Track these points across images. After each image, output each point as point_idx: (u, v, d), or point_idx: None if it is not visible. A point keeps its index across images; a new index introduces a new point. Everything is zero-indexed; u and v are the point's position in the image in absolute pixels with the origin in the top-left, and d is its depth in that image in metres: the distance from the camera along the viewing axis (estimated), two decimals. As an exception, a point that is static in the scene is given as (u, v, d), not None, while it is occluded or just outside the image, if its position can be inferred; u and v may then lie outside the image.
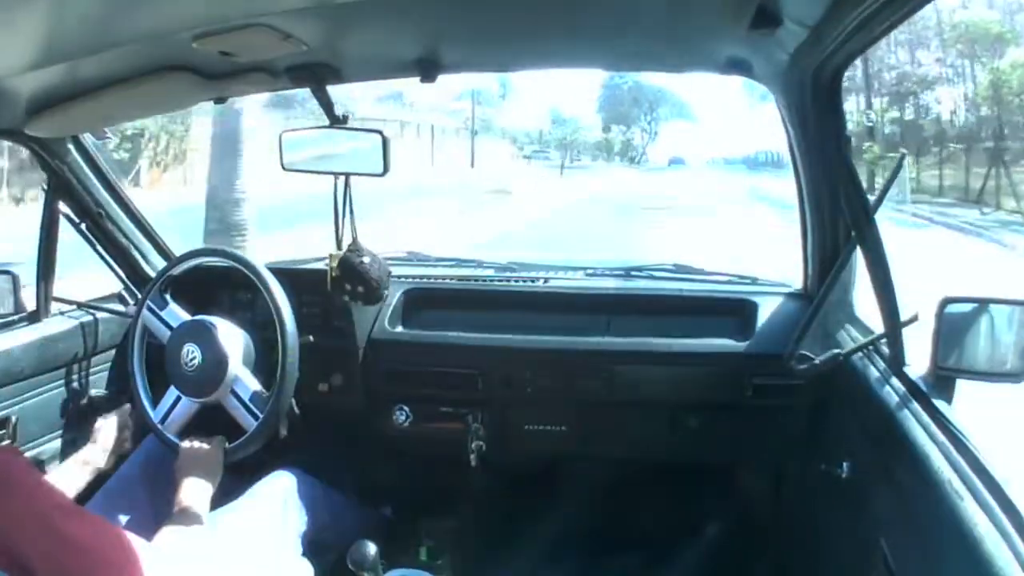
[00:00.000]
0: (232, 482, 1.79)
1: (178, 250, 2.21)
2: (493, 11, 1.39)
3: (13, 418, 1.86)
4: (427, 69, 1.66)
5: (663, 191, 22.70)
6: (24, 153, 1.95)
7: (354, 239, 1.86)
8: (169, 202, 9.65)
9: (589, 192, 22.96)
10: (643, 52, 1.79)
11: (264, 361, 1.92)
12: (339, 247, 1.90)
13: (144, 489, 1.79)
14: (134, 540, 1.21)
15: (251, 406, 1.84)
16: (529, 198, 19.34)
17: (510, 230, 13.02)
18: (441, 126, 35.22)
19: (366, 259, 1.88)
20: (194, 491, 1.61)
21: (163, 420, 1.89)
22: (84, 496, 1.67)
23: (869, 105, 23.07)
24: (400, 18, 1.39)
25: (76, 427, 2.04)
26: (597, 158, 47.15)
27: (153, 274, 2.12)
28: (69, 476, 1.66)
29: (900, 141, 22.27)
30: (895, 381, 1.44)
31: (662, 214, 15.88)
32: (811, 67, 1.41)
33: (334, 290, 1.91)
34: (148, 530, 1.39)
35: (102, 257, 2.17)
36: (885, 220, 1.44)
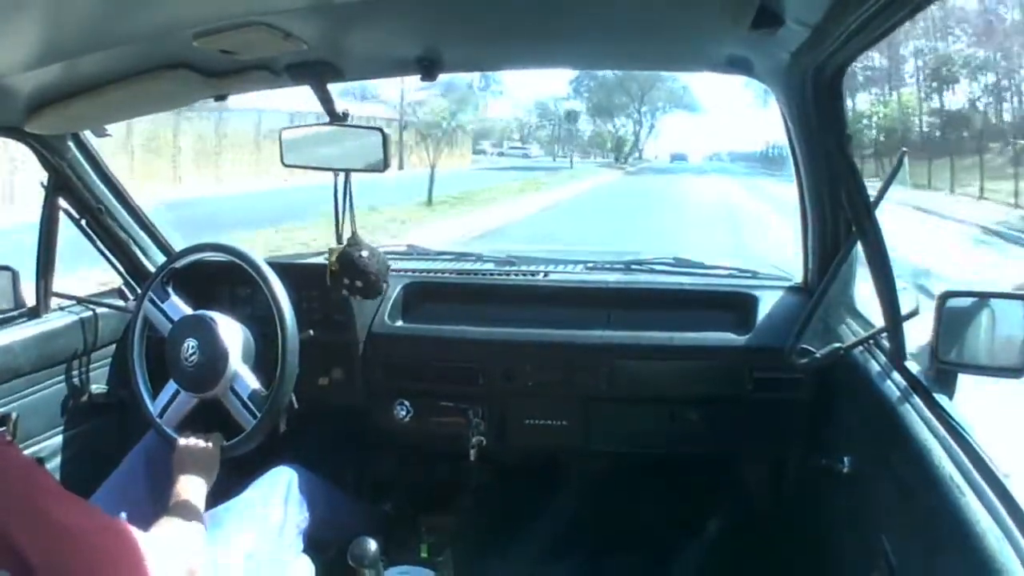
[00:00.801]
0: (232, 477, 1.79)
1: (178, 246, 2.21)
2: (493, 10, 1.39)
3: (13, 414, 1.86)
4: (427, 67, 1.66)
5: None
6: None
7: (353, 233, 1.86)
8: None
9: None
10: (644, 51, 1.79)
11: (264, 357, 1.91)
12: (339, 241, 1.89)
13: (145, 484, 1.79)
14: (130, 529, 1.21)
15: (249, 403, 1.84)
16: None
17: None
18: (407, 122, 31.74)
19: (365, 253, 1.87)
20: (190, 486, 1.61)
21: (161, 413, 1.89)
22: (84, 491, 1.67)
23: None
24: (400, 17, 1.39)
25: (76, 423, 2.05)
26: (589, 154, 42.20)
27: (153, 270, 2.12)
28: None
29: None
30: (896, 375, 1.45)
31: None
32: (812, 66, 1.41)
33: (333, 285, 1.91)
34: (148, 525, 1.39)
35: (102, 253, 2.17)
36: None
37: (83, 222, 2.08)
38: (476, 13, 1.41)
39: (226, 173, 20.75)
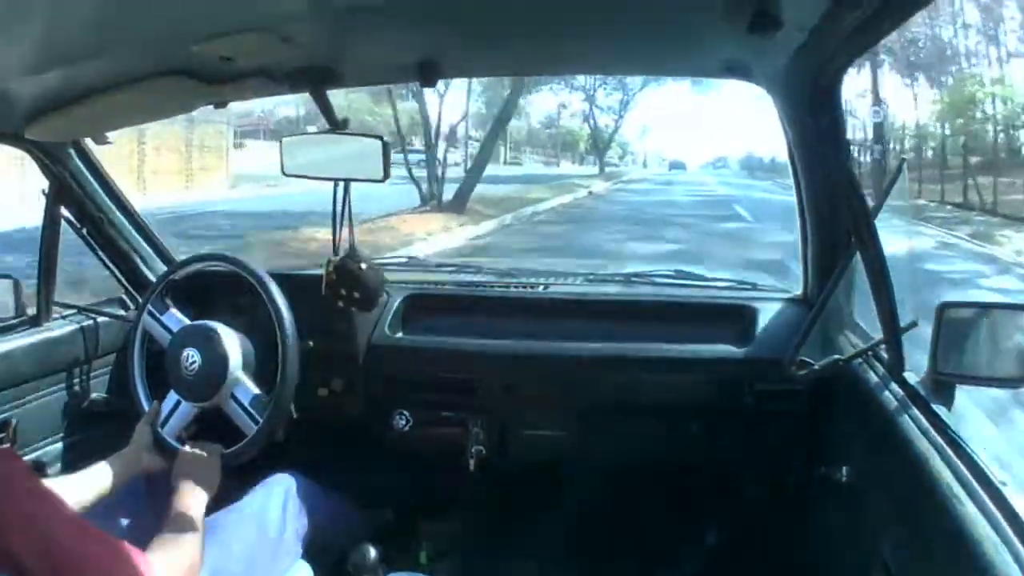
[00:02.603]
0: (232, 485, 1.79)
1: (179, 255, 2.21)
2: (492, 16, 1.39)
3: (13, 422, 1.86)
4: (427, 73, 1.66)
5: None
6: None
7: (351, 245, 1.86)
8: None
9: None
10: (641, 55, 1.79)
11: (264, 366, 1.92)
12: (336, 253, 1.90)
13: (146, 496, 1.79)
14: (129, 549, 1.21)
15: (251, 411, 1.84)
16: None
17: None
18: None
19: (363, 265, 1.88)
20: (190, 498, 1.61)
21: (163, 424, 1.89)
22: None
23: None
24: (400, 22, 1.39)
25: (76, 431, 2.04)
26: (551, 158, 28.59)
27: (154, 278, 2.13)
28: (87, 482, 1.64)
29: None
30: (894, 387, 1.45)
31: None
32: (810, 70, 1.41)
33: (329, 295, 1.91)
34: (147, 535, 1.39)
35: (103, 261, 2.17)
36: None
37: (84, 230, 2.08)
38: (475, 19, 1.41)
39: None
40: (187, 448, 1.78)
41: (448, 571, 2.13)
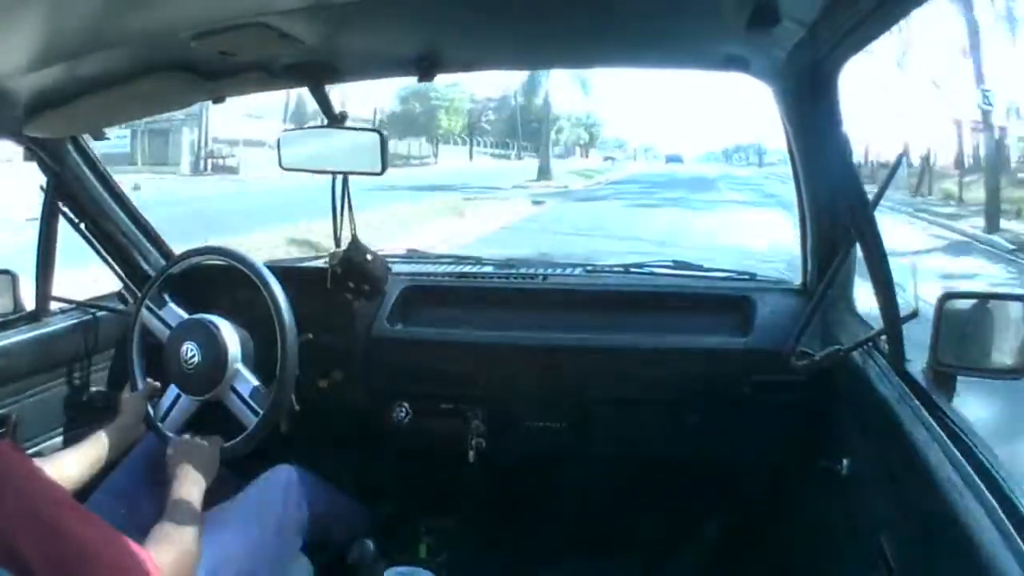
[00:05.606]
0: (231, 477, 1.79)
1: (177, 249, 2.21)
2: (491, 10, 1.39)
3: (13, 417, 1.86)
4: (425, 67, 1.66)
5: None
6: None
7: (354, 237, 1.86)
8: None
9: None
10: (641, 50, 1.79)
11: (264, 359, 1.92)
12: (338, 245, 1.90)
13: (145, 487, 1.79)
14: (128, 540, 1.21)
15: (251, 403, 1.85)
16: None
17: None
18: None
19: (368, 256, 1.88)
20: (188, 486, 1.60)
21: (163, 418, 1.89)
22: (85, 493, 1.67)
23: None
24: (399, 16, 1.39)
25: (76, 426, 2.05)
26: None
27: (153, 273, 2.13)
28: (81, 457, 1.65)
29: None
30: (895, 378, 1.45)
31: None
32: (809, 65, 1.41)
33: (335, 288, 1.91)
34: (149, 525, 1.39)
35: (102, 256, 2.17)
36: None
37: (82, 226, 2.08)
38: (474, 13, 1.41)
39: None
40: (185, 437, 1.77)
41: (448, 564, 2.13)
